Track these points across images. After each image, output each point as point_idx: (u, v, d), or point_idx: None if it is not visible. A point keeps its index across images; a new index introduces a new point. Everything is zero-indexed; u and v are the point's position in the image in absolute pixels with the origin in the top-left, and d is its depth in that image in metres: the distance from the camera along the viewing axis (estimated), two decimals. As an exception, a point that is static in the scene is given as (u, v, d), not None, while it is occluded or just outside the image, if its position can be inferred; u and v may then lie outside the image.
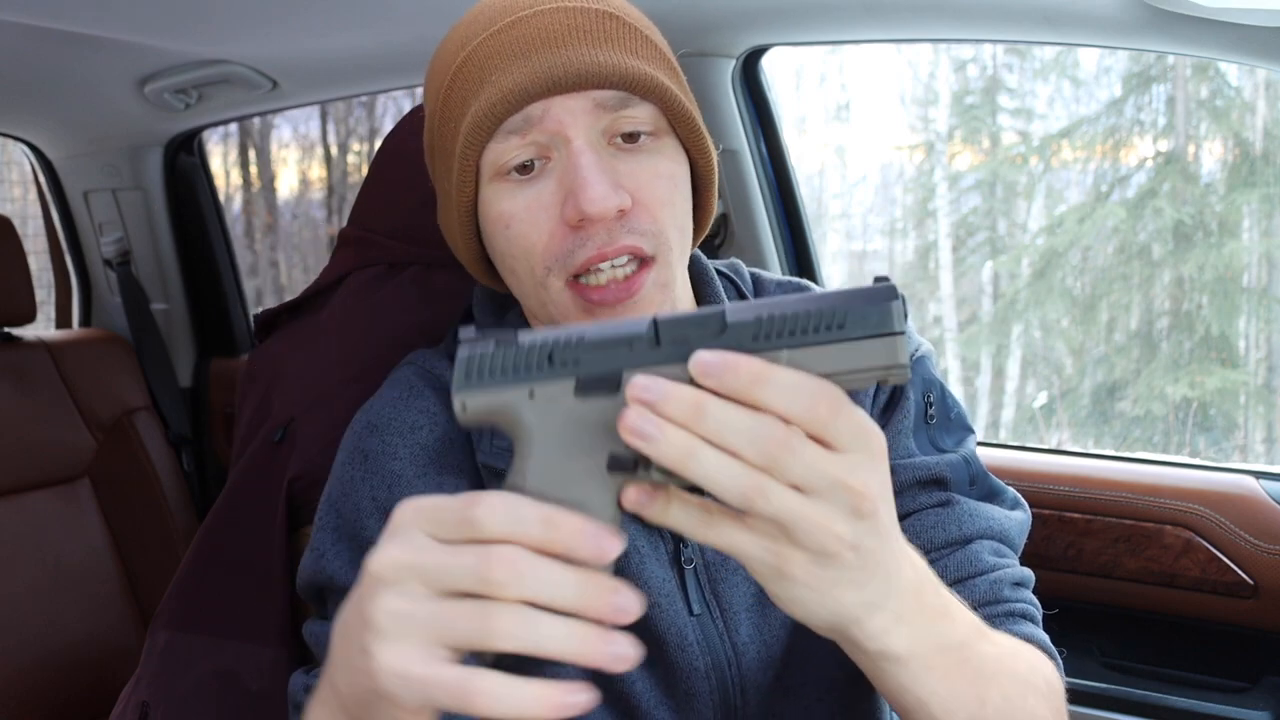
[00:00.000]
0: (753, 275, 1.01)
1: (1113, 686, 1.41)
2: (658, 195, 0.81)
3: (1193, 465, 1.43)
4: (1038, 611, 0.92)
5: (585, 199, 0.77)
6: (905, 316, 0.55)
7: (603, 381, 0.55)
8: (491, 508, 0.54)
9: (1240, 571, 1.32)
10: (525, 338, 0.57)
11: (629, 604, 0.54)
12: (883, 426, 0.94)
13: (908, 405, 0.94)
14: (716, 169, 0.89)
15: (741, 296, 0.97)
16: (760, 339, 0.55)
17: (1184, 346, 6.53)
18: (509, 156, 0.80)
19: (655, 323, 0.56)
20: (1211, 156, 6.66)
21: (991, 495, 0.96)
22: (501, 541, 0.54)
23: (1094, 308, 6.87)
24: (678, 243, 0.83)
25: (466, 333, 0.58)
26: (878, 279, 0.56)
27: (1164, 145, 6.74)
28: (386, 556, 0.56)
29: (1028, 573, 0.93)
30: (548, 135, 0.79)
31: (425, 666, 0.54)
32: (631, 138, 0.81)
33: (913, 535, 0.90)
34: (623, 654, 0.54)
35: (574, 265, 0.79)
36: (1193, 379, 6.31)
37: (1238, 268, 6.37)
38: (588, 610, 0.54)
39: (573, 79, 0.78)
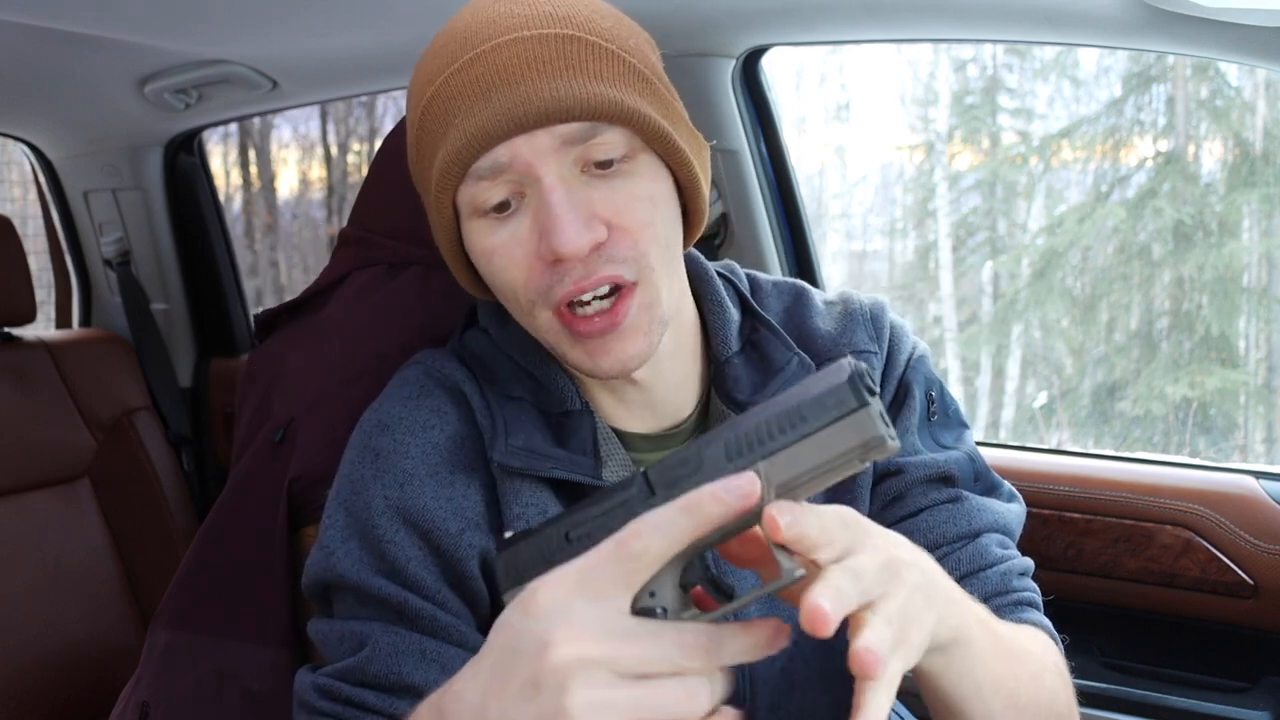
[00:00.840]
0: (749, 277, 1.01)
1: (1113, 686, 1.41)
2: (637, 219, 0.80)
3: (1193, 465, 1.43)
4: (1039, 599, 0.97)
5: (557, 240, 0.77)
6: (868, 390, 0.55)
7: None
8: (639, 534, 0.55)
9: (1240, 571, 1.32)
10: (542, 528, 0.62)
11: (780, 631, 0.57)
12: (895, 418, 0.97)
13: (914, 403, 0.97)
14: (704, 172, 0.87)
15: (740, 297, 0.97)
16: (734, 459, 0.56)
17: (1184, 346, 6.53)
18: (483, 198, 0.80)
19: (645, 477, 0.59)
20: (1211, 156, 6.66)
21: (991, 489, 1.00)
22: (662, 558, 0.55)
23: (1094, 308, 6.87)
24: (661, 260, 0.83)
25: (501, 542, 0.63)
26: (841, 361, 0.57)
27: (1164, 145, 6.74)
28: (570, 653, 0.54)
29: (1029, 562, 0.97)
30: (518, 176, 0.79)
31: None
32: (605, 164, 0.80)
33: (926, 530, 0.94)
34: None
35: (554, 300, 0.80)
36: (1193, 379, 6.31)
37: (1238, 268, 6.37)
38: (763, 648, 0.57)
39: (534, 117, 0.77)
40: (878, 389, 0.56)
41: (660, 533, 0.54)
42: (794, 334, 0.97)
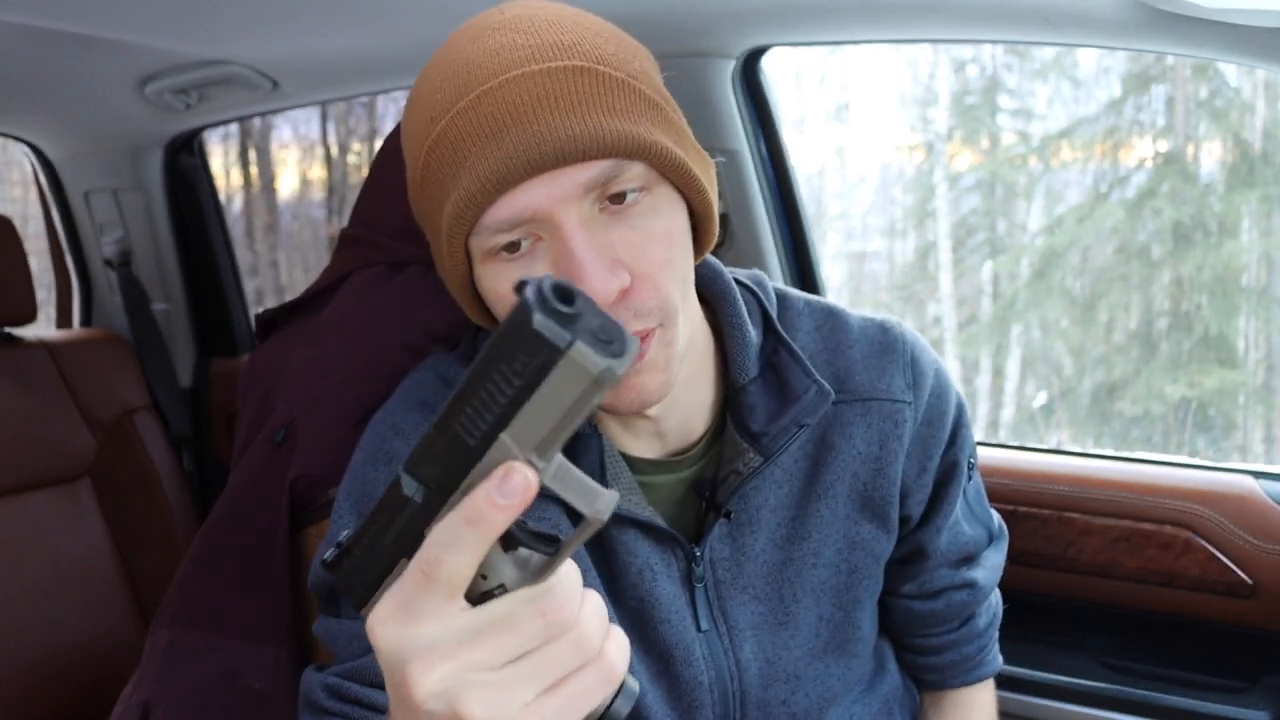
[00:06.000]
0: (779, 294, 0.98)
1: (1112, 686, 1.41)
2: (656, 260, 0.78)
3: (1192, 465, 1.43)
4: (996, 633, 1.10)
5: (587, 290, 0.72)
6: (559, 320, 0.45)
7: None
8: (439, 560, 0.51)
9: (1239, 571, 1.33)
10: (353, 544, 0.58)
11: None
12: (935, 497, 1.00)
13: (961, 477, 1.00)
14: (714, 192, 0.85)
15: (763, 315, 0.94)
16: (474, 435, 0.50)
17: (1183, 346, 6.53)
18: (496, 242, 0.77)
19: (412, 476, 0.53)
20: (1211, 156, 6.67)
21: (992, 538, 1.07)
22: (471, 567, 0.51)
23: (1093, 308, 6.88)
24: (681, 298, 0.80)
25: None
26: (516, 287, 0.48)
27: (1163, 145, 6.74)
28: (432, 681, 0.51)
29: (998, 608, 1.11)
30: (536, 225, 0.76)
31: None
32: (619, 197, 0.76)
33: (935, 611, 1.04)
34: None
35: None
36: (1191, 379, 6.32)
37: (1237, 268, 6.37)
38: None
39: (550, 157, 0.73)
40: (572, 304, 0.46)
41: (456, 549, 0.50)
42: (826, 360, 0.94)
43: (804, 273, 1.72)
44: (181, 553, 1.95)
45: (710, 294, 0.93)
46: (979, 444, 1.08)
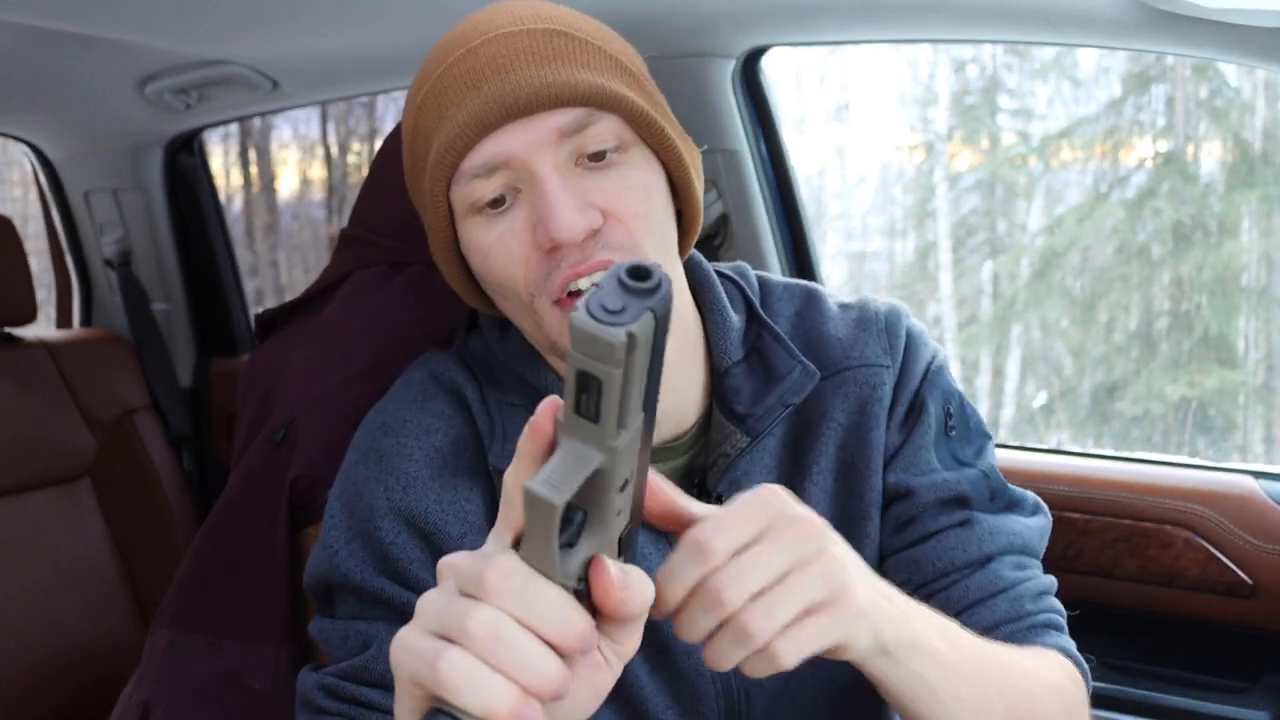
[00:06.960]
0: (761, 280, 1.00)
1: (1112, 686, 1.41)
2: (631, 208, 0.81)
3: (1192, 465, 1.43)
4: (1062, 619, 0.92)
5: (554, 226, 0.78)
6: (603, 311, 0.48)
7: None
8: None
9: (1239, 571, 1.33)
10: None
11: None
12: (903, 441, 0.94)
13: (928, 418, 0.94)
14: (697, 173, 0.88)
15: (746, 302, 0.96)
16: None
17: (1183, 346, 6.54)
18: (478, 194, 0.81)
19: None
20: (1211, 157, 6.67)
21: (1012, 505, 0.95)
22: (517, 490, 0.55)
23: (1093, 308, 6.88)
24: (655, 251, 0.83)
25: None
26: None
27: (1163, 145, 6.75)
28: (447, 559, 0.57)
29: (1050, 581, 0.93)
30: (513, 173, 0.80)
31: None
32: (598, 156, 0.81)
33: (935, 557, 0.90)
34: None
35: (553, 287, 0.80)
36: (1191, 379, 6.32)
37: (1237, 268, 6.38)
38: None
39: (524, 103, 0.78)
40: (643, 280, 0.49)
41: (514, 461, 0.56)
42: (803, 339, 0.95)
43: (804, 272, 1.72)
44: (181, 553, 1.95)
45: (692, 281, 0.95)
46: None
